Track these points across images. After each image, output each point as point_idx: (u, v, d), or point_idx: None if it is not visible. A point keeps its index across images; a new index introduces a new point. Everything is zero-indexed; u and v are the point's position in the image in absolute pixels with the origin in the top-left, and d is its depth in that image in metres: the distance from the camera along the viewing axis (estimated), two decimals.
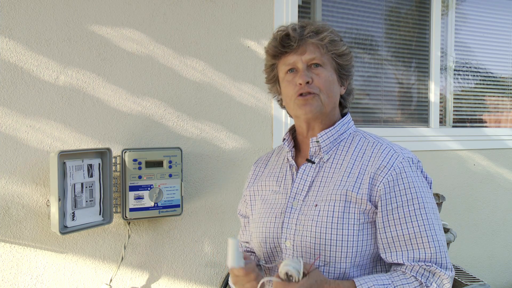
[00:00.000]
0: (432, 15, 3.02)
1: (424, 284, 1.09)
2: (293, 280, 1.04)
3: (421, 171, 1.20)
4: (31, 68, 1.95)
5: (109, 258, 2.10)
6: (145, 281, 2.18)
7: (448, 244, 2.46)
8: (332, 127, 1.24)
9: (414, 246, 1.11)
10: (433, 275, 1.10)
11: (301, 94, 1.20)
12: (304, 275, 1.05)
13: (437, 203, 2.51)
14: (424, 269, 1.10)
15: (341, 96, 1.29)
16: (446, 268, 1.11)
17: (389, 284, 1.09)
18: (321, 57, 1.21)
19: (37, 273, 1.97)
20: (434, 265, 1.10)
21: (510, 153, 3.24)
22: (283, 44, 1.22)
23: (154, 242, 2.19)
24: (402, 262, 1.12)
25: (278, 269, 1.06)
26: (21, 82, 1.93)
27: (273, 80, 1.32)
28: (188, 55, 2.23)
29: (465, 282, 2.45)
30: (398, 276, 1.11)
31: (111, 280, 2.09)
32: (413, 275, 1.10)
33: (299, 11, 2.51)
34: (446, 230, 2.48)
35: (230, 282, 1.32)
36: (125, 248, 2.11)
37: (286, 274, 1.04)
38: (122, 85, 2.11)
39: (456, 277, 2.52)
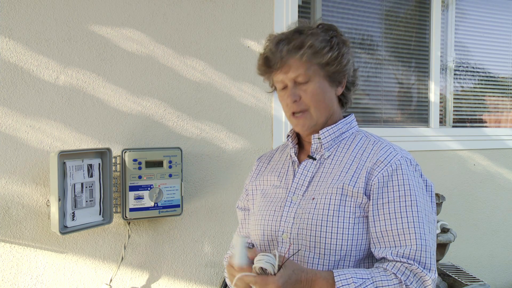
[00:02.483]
0: (432, 15, 3.02)
1: (403, 282, 1.08)
2: (269, 274, 1.03)
3: (420, 175, 1.20)
4: (31, 68, 1.95)
5: (109, 258, 2.10)
6: (145, 281, 2.18)
7: (448, 244, 2.46)
8: (334, 125, 1.27)
9: (402, 243, 1.11)
10: (414, 275, 1.09)
11: (293, 114, 1.23)
12: (279, 267, 1.04)
13: (437, 203, 2.51)
14: (406, 267, 1.09)
15: (342, 93, 1.30)
16: (430, 269, 1.10)
17: (368, 278, 1.08)
18: (305, 72, 1.19)
19: (37, 273, 1.97)
20: (416, 263, 1.09)
21: (510, 153, 3.24)
22: (268, 65, 1.23)
23: (154, 242, 2.19)
24: (385, 256, 1.12)
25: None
26: (21, 82, 1.93)
27: (274, 88, 1.35)
28: (188, 55, 2.23)
29: (465, 282, 2.46)
30: (379, 272, 1.10)
31: (111, 280, 2.09)
32: (393, 272, 1.09)
33: (299, 11, 2.51)
34: (446, 230, 2.48)
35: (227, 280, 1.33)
36: (125, 248, 2.11)
37: (261, 268, 1.03)
38: (122, 85, 2.11)
39: (456, 277, 2.52)
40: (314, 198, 1.19)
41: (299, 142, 1.35)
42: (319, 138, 1.25)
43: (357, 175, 1.18)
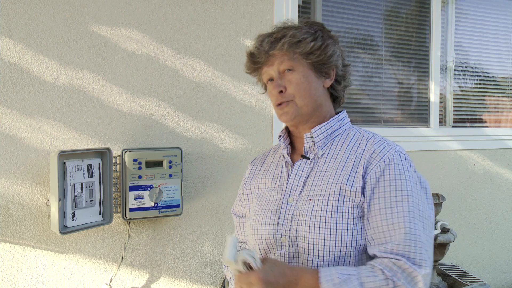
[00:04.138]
0: (432, 15, 3.02)
1: (390, 278, 1.04)
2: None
3: (414, 170, 1.18)
4: (31, 68, 1.95)
5: (109, 258, 2.10)
6: (145, 281, 2.18)
7: (448, 244, 2.46)
8: (326, 122, 1.25)
9: (390, 238, 1.08)
10: (403, 271, 1.05)
11: (279, 105, 1.23)
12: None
13: (437, 203, 2.51)
14: (393, 263, 1.06)
15: (332, 87, 1.28)
16: (420, 265, 1.05)
17: (354, 274, 1.06)
18: (289, 62, 1.22)
19: (37, 273, 1.97)
20: (403, 258, 1.05)
21: (510, 153, 3.24)
22: (253, 61, 1.28)
23: (154, 242, 2.19)
24: (374, 253, 1.10)
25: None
26: (21, 82, 1.93)
27: (265, 88, 1.37)
28: (188, 55, 2.23)
29: (465, 282, 2.46)
30: (366, 268, 1.08)
31: (111, 280, 2.09)
32: (380, 268, 1.06)
33: (299, 11, 2.51)
34: (446, 230, 2.48)
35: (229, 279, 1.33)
36: (125, 248, 2.11)
37: (244, 263, 1.05)
38: (122, 85, 2.11)
39: (456, 277, 2.52)
40: (311, 200, 1.17)
41: (291, 142, 1.33)
42: (311, 137, 1.24)
43: (354, 174, 1.16)
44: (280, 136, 1.32)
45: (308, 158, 1.24)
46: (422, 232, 1.09)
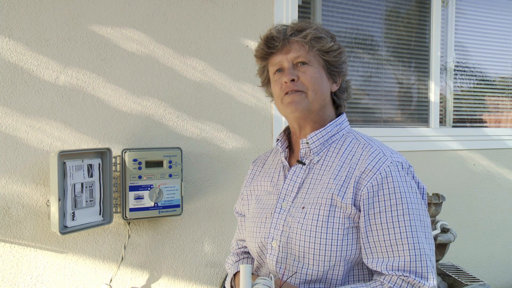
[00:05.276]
0: (432, 15, 3.02)
1: None
2: None
3: (413, 177, 1.16)
4: (31, 68, 1.95)
5: (109, 258, 2.10)
6: (145, 281, 2.18)
7: (448, 244, 2.46)
8: (323, 128, 1.23)
9: (395, 253, 1.08)
10: (412, 286, 1.06)
11: (287, 93, 1.20)
12: None
13: (437, 203, 2.51)
14: (402, 280, 1.06)
15: (335, 94, 1.28)
16: (427, 278, 1.06)
17: None
18: (306, 55, 1.20)
19: (37, 273, 1.97)
20: (412, 275, 1.06)
21: (510, 153, 3.24)
22: (268, 45, 1.23)
23: (154, 242, 2.19)
24: (380, 270, 1.09)
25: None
26: (21, 82, 1.93)
27: (266, 82, 1.33)
28: (188, 55, 2.23)
29: (465, 282, 2.45)
30: (376, 286, 1.09)
31: (111, 280, 2.09)
32: (390, 286, 1.07)
33: (299, 11, 2.51)
34: (446, 230, 2.48)
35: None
36: (125, 248, 2.11)
37: None
38: (122, 85, 2.11)
39: (456, 277, 2.52)
40: (304, 208, 1.17)
41: (290, 144, 1.32)
42: (307, 143, 1.22)
43: (346, 184, 1.14)
44: (278, 139, 1.31)
45: (304, 164, 1.23)
46: (425, 243, 1.09)
